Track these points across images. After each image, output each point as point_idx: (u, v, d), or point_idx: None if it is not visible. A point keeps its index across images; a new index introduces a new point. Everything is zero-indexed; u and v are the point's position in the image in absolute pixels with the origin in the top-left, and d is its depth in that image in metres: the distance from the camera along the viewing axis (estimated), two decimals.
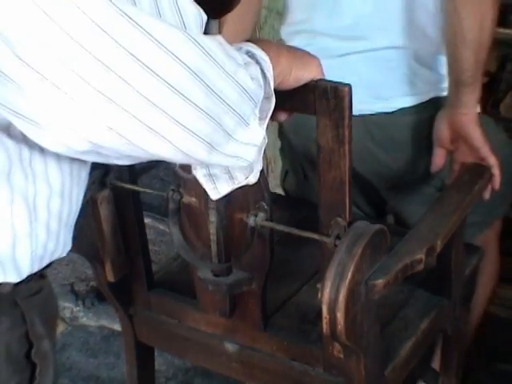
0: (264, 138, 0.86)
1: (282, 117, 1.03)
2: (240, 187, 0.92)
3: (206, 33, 0.82)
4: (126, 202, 1.30)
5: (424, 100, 1.46)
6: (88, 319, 2.17)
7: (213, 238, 1.17)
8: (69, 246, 0.91)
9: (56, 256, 0.88)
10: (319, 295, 1.03)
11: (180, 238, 1.23)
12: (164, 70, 0.68)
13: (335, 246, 1.05)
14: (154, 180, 2.45)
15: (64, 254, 0.90)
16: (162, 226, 2.30)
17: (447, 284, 1.38)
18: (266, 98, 0.86)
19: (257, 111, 0.83)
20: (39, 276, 0.88)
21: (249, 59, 0.84)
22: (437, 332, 1.42)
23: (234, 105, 0.76)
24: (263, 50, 0.88)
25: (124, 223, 1.31)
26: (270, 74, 0.86)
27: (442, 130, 1.40)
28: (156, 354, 1.57)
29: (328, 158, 1.03)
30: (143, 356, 1.49)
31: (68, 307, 2.19)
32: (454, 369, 1.54)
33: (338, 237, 1.06)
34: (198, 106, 0.71)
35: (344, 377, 1.19)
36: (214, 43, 0.74)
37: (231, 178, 0.89)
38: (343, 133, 1.00)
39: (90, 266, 1.38)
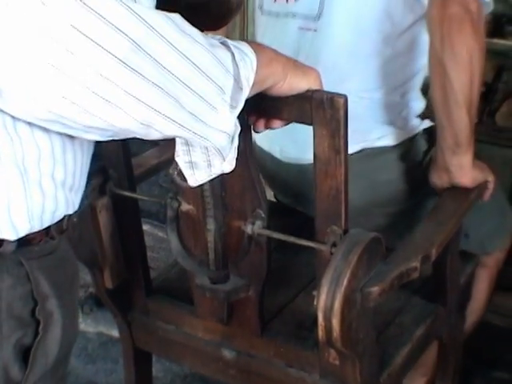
0: (236, 125, 0.86)
1: (278, 125, 1.04)
2: (235, 195, 0.91)
3: None
4: (124, 209, 1.31)
5: (354, 151, 1.40)
6: (86, 325, 2.17)
7: (210, 245, 1.18)
8: (73, 207, 0.90)
9: (59, 215, 0.87)
10: (315, 302, 1.04)
11: (178, 245, 1.24)
12: (107, 42, 0.69)
13: (331, 253, 1.07)
14: (153, 187, 2.46)
15: (70, 212, 0.89)
16: (160, 233, 2.31)
17: (443, 291, 1.39)
18: (240, 88, 0.84)
19: (226, 97, 0.82)
20: (50, 237, 0.88)
21: (218, 43, 0.82)
22: (432, 339, 1.43)
23: (188, 81, 0.76)
24: (254, 48, 0.87)
25: (123, 230, 1.32)
26: (243, 63, 0.84)
27: (439, 187, 1.38)
28: (154, 360, 1.58)
29: (324, 167, 1.04)
30: (141, 362, 1.50)
31: None
32: (451, 376, 1.55)
33: (334, 244, 1.07)
34: (148, 80, 0.72)
35: (340, 383, 1.19)
36: (164, 19, 0.74)
37: (209, 165, 0.89)
38: (339, 142, 1.01)
39: (88, 273, 1.39)
